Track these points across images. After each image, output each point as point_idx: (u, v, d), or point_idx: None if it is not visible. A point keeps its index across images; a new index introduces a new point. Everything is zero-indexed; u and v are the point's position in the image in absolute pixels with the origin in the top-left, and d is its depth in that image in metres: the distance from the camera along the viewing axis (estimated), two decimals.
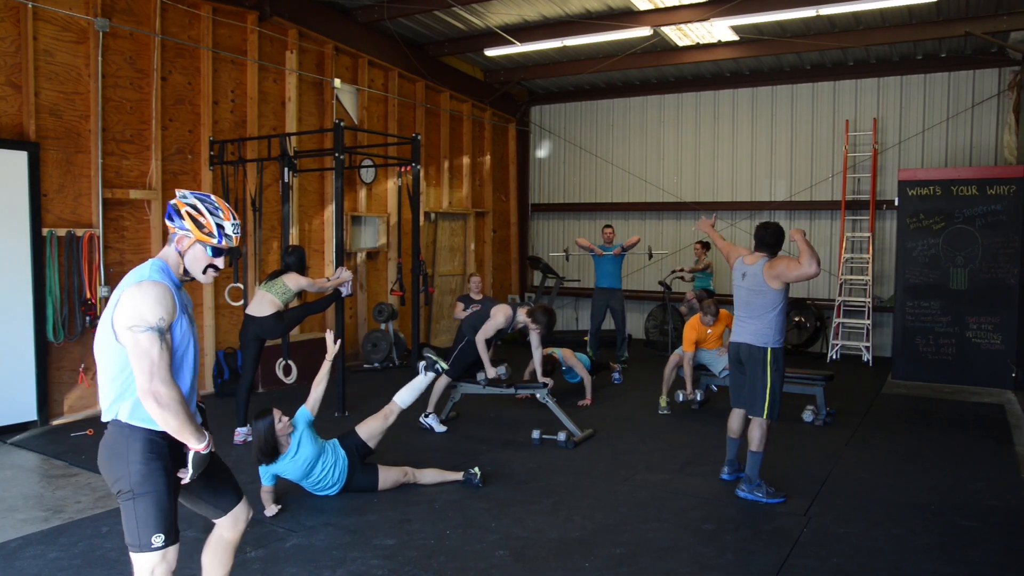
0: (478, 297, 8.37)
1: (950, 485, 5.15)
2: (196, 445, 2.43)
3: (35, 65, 6.30)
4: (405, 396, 5.19)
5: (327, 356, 4.90)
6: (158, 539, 2.42)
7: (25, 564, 3.82)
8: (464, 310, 8.82)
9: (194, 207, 2.58)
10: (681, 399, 7.21)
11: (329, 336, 4.93)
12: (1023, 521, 4.53)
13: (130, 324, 2.35)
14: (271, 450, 4.47)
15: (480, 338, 6.41)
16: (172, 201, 2.62)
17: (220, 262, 2.63)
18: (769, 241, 4.87)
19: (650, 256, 10.61)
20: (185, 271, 2.60)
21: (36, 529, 4.26)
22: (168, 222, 2.59)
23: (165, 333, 2.39)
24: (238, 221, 2.63)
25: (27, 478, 5.23)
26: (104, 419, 2.52)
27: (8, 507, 4.60)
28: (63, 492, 4.88)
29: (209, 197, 2.64)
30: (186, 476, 2.47)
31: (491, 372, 6.44)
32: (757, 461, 4.81)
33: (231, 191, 7.71)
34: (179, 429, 2.38)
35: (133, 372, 2.36)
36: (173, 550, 2.48)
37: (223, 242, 2.59)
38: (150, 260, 2.55)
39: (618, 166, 12.29)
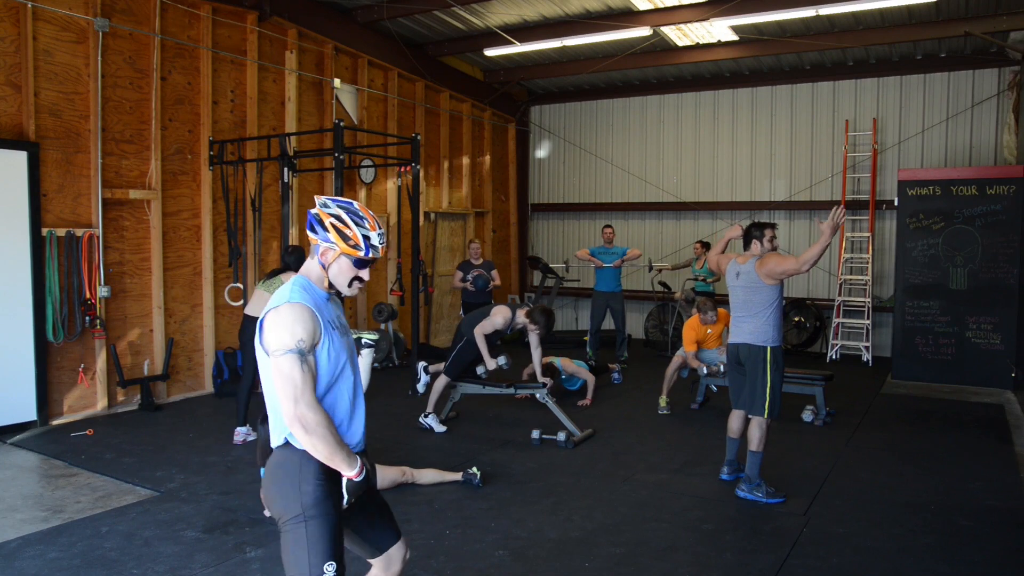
0: (478, 262, 8.36)
1: (950, 485, 5.15)
2: (348, 472, 2.31)
3: (35, 65, 6.30)
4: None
5: None
6: (329, 568, 2.26)
7: (24, 564, 3.82)
8: (463, 279, 8.79)
9: (338, 218, 2.38)
10: (705, 372, 7.09)
11: None
12: (1022, 521, 4.53)
13: (271, 349, 2.25)
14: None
15: (479, 332, 6.39)
16: (313, 211, 2.42)
17: (365, 274, 2.45)
18: (756, 234, 4.90)
19: (650, 268, 10.60)
20: (330, 284, 2.43)
21: (35, 529, 4.26)
22: (310, 233, 2.40)
23: (307, 355, 2.27)
24: (383, 230, 2.45)
25: (27, 478, 5.23)
26: (273, 444, 2.43)
27: (8, 507, 4.60)
28: (63, 492, 4.88)
29: (352, 204, 2.43)
30: (343, 503, 2.36)
31: (491, 364, 6.38)
32: (757, 461, 4.82)
33: (231, 191, 7.71)
34: (329, 455, 2.26)
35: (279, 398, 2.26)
36: None
37: (369, 254, 2.40)
38: (293, 278, 2.42)
39: (618, 166, 12.29)
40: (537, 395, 6.42)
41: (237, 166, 7.76)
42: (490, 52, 10.22)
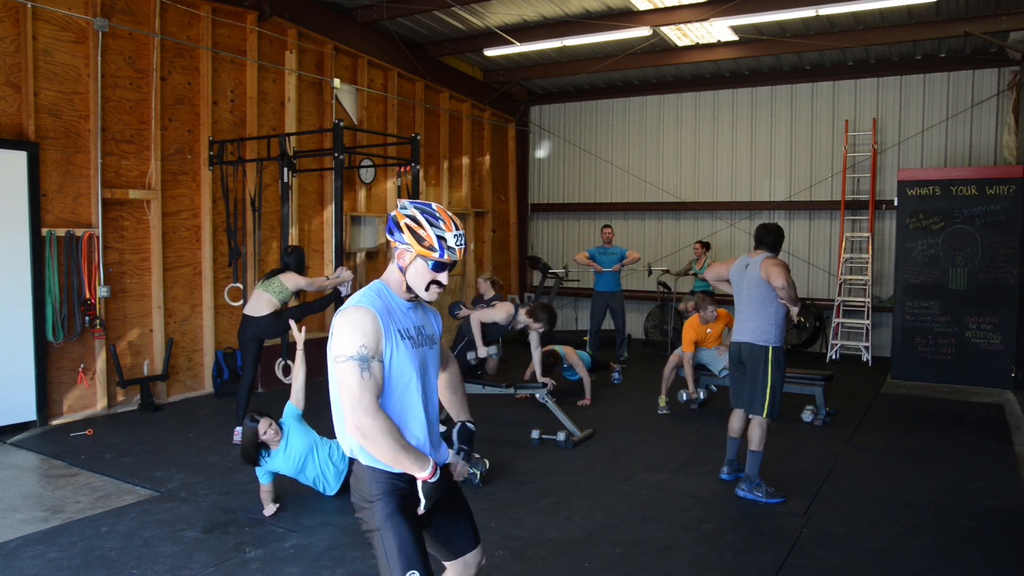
0: (489, 295, 8.37)
1: (950, 485, 5.15)
2: (419, 473, 2.28)
3: (34, 65, 6.29)
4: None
5: (297, 347, 4.98)
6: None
7: (24, 564, 3.82)
8: (467, 309, 8.79)
9: (413, 219, 2.32)
10: (684, 399, 7.21)
11: (293, 326, 5.09)
12: (1022, 521, 4.53)
13: (334, 355, 2.23)
14: (251, 457, 4.49)
15: (476, 318, 6.39)
16: (392, 213, 2.38)
17: (443, 277, 2.36)
18: (769, 240, 4.91)
19: (649, 273, 10.58)
20: (408, 288, 2.37)
21: (35, 529, 4.26)
22: (389, 236, 2.36)
23: (371, 361, 2.22)
24: (461, 231, 2.35)
25: (26, 478, 5.23)
26: (345, 452, 2.44)
27: (7, 507, 4.60)
28: (62, 492, 4.88)
29: (430, 206, 2.37)
30: (419, 507, 2.35)
31: (482, 351, 6.39)
32: (757, 460, 4.82)
33: (230, 191, 7.71)
34: (393, 460, 2.23)
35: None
36: None
37: (445, 255, 2.32)
38: (372, 281, 2.40)
39: (618, 166, 12.28)
40: (537, 395, 6.42)
41: (237, 166, 7.76)
42: (490, 52, 10.22)
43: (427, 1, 8.57)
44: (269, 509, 4.50)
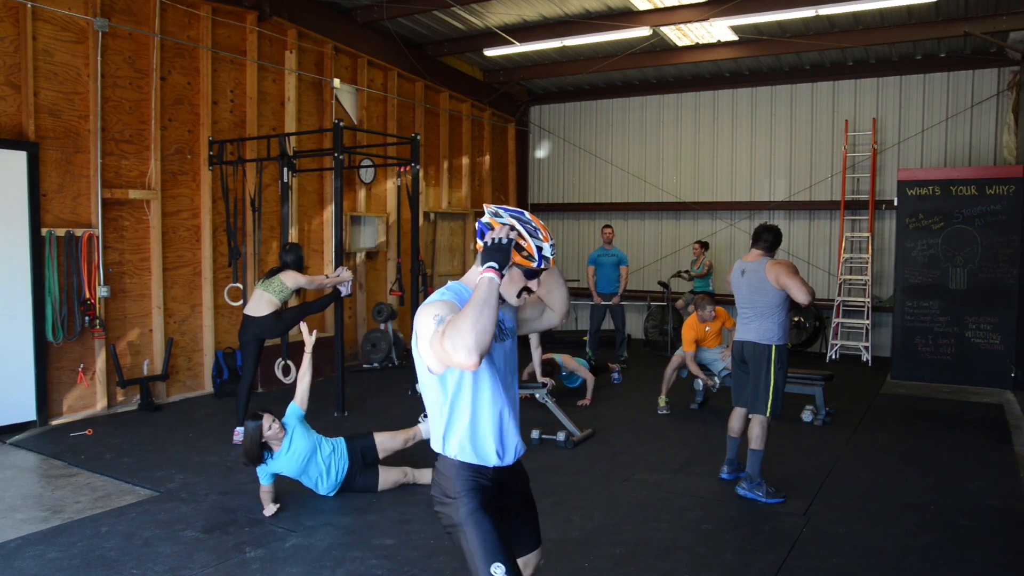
0: None
1: (950, 485, 5.15)
2: (497, 279, 2.15)
3: (34, 65, 6.29)
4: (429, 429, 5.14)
5: (306, 348, 5.00)
6: (497, 569, 2.28)
7: (24, 564, 3.82)
8: None
9: (512, 228, 2.31)
10: (701, 386, 7.14)
11: (304, 328, 5.10)
12: (1022, 521, 4.53)
13: (423, 337, 2.24)
14: (255, 456, 4.48)
15: None
16: (484, 219, 2.36)
17: (534, 285, 2.39)
18: (768, 239, 4.91)
19: (665, 287, 10.57)
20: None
21: (35, 529, 4.25)
22: (479, 241, 2.33)
23: (445, 321, 2.20)
24: (554, 240, 2.38)
25: (26, 478, 5.22)
26: (434, 448, 2.43)
27: (7, 507, 4.59)
28: (62, 492, 4.88)
29: (523, 214, 2.35)
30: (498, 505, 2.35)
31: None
32: (757, 459, 4.81)
33: (230, 191, 7.71)
34: (480, 310, 2.06)
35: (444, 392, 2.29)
36: None
37: (542, 264, 2.33)
38: (448, 283, 2.40)
39: (618, 166, 12.29)
40: (537, 395, 6.42)
41: (237, 166, 7.76)
42: (490, 52, 10.22)
43: (427, 1, 8.57)
44: (269, 509, 4.50)
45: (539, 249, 2.32)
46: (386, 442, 4.98)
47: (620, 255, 9.67)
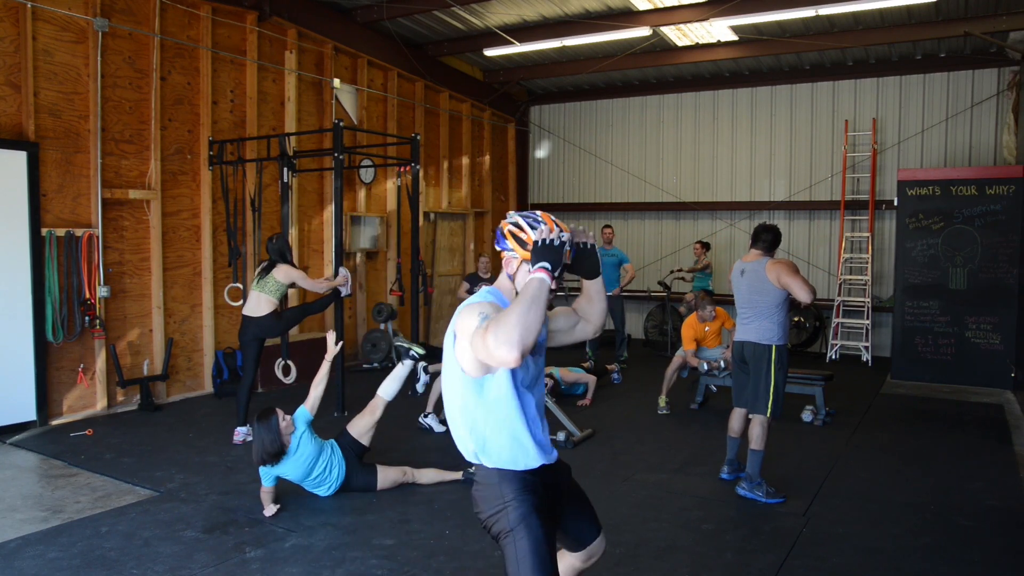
0: (486, 276, 8.36)
1: (950, 485, 5.15)
2: (543, 275, 2.11)
3: (34, 65, 6.29)
4: (388, 388, 5.11)
5: (327, 356, 4.98)
6: None
7: (24, 564, 3.82)
8: (468, 291, 8.80)
9: (516, 224, 2.34)
10: (706, 368, 7.08)
11: (331, 336, 5.07)
12: (1022, 521, 4.53)
13: (462, 334, 2.21)
14: (277, 449, 4.46)
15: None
16: (500, 225, 2.41)
17: (553, 284, 2.25)
18: (767, 239, 4.91)
19: (667, 288, 10.58)
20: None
21: (35, 529, 4.25)
22: (497, 247, 2.41)
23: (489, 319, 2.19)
24: (566, 232, 2.30)
25: (26, 478, 5.23)
26: (468, 459, 2.41)
27: (7, 507, 4.60)
28: (62, 492, 4.88)
29: (533, 213, 2.38)
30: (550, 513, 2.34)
31: None
32: (758, 459, 4.81)
33: (230, 191, 7.71)
34: (529, 304, 2.04)
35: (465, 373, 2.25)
36: None
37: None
38: (483, 288, 2.41)
39: (618, 166, 12.29)
40: None
41: (237, 166, 7.76)
42: (490, 52, 10.22)
43: (427, 1, 8.57)
44: (270, 510, 4.50)
45: (544, 241, 2.24)
46: (360, 427, 4.93)
47: (621, 255, 9.66)
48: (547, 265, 2.14)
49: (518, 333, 1.98)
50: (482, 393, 2.28)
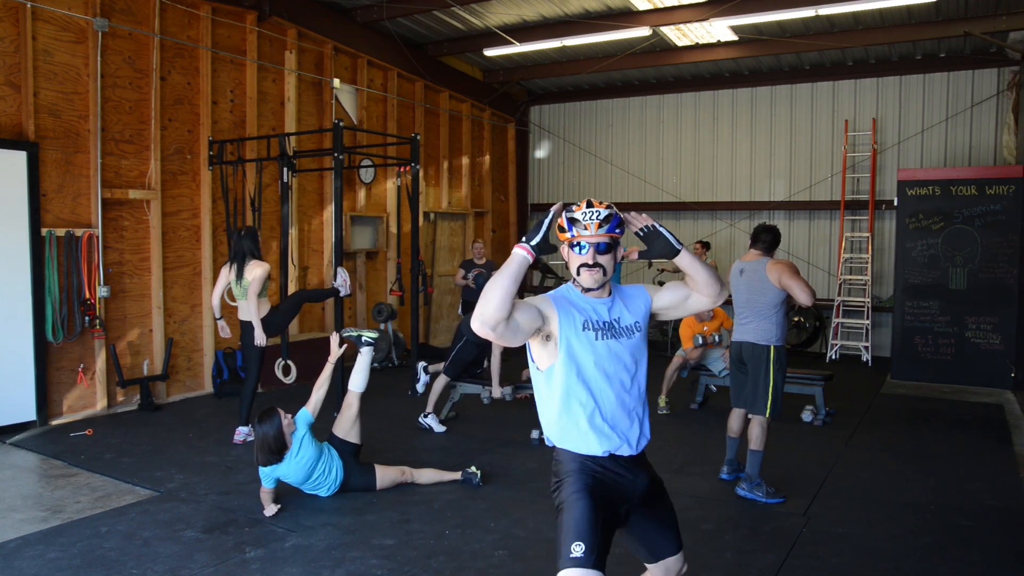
0: (481, 261, 8.37)
1: (950, 485, 5.15)
2: (526, 244, 2.27)
3: (34, 65, 6.29)
4: (356, 380, 5.06)
5: (330, 358, 4.96)
6: (577, 547, 2.28)
7: (24, 564, 3.82)
8: (464, 276, 8.79)
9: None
10: (701, 386, 7.19)
11: (334, 339, 5.06)
12: (1022, 521, 4.53)
13: None
14: (279, 448, 4.46)
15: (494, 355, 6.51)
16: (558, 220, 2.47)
17: (588, 257, 2.37)
18: (767, 239, 4.91)
19: (659, 272, 10.60)
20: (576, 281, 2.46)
21: (35, 529, 4.25)
22: (561, 232, 2.45)
23: (525, 304, 2.33)
24: (598, 209, 2.38)
25: (26, 478, 5.22)
26: (544, 437, 2.55)
27: (7, 507, 4.59)
28: (62, 492, 4.88)
29: (577, 203, 2.45)
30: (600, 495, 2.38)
31: (496, 392, 6.45)
32: (757, 460, 4.81)
33: (230, 191, 7.71)
34: (501, 280, 2.19)
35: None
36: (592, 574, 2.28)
37: (573, 231, 2.37)
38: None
39: (618, 166, 12.29)
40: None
41: (237, 166, 7.76)
42: (490, 52, 10.22)
43: (427, 1, 8.57)
44: (270, 510, 4.50)
45: (572, 220, 2.38)
46: (343, 425, 4.91)
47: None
48: (524, 239, 2.29)
49: (481, 305, 2.18)
50: (550, 380, 2.42)
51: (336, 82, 9.00)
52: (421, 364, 7.02)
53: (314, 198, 9.09)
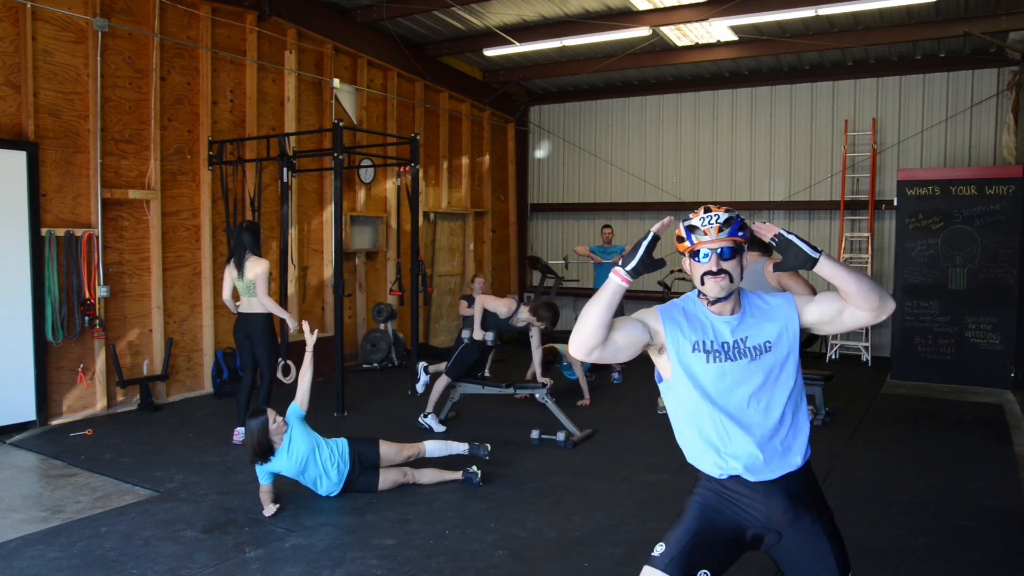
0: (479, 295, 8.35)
1: (949, 485, 5.15)
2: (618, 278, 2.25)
3: (34, 65, 6.29)
4: (435, 448, 5.19)
5: (307, 347, 4.98)
6: (658, 548, 2.26)
7: (24, 564, 3.82)
8: (469, 307, 8.83)
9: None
10: None
11: (306, 326, 5.08)
12: (1022, 521, 4.53)
13: None
14: (264, 449, 4.48)
15: (480, 302, 6.50)
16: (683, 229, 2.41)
17: (711, 264, 2.22)
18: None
19: (667, 288, 10.59)
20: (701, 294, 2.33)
21: (35, 529, 4.25)
22: (679, 242, 2.41)
23: (632, 318, 2.32)
24: (717, 212, 2.23)
25: (26, 478, 5.22)
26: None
27: (7, 507, 4.59)
28: (62, 492, 4.87)
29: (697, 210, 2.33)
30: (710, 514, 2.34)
31: (478, 333, 6.44)
32: None
33: (230, 191, 7.71)
34: (594, 306, 2.20)
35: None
36: None
37: (692, 239, 2.25)
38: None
39: (617, 166, 12.29)
40: (537, 395, 6.42)
41: (236, 166, 7.76)
42: (489, 52, 10.22)
43: (427, 1, 8.57)
44: (269, 509, 4.50)
45: (689, 228, 2.28)
46: (390, 454, 4.97)
47: (620, 251, 9.65)
48: (620, 263, 2.27)
49: (576, 332, 2.21)
50: (666, 389, 2.39)
51: (336, 82, 9.00)
52: (421, 364, 7.03)
53: (314, 198, 9.09)
